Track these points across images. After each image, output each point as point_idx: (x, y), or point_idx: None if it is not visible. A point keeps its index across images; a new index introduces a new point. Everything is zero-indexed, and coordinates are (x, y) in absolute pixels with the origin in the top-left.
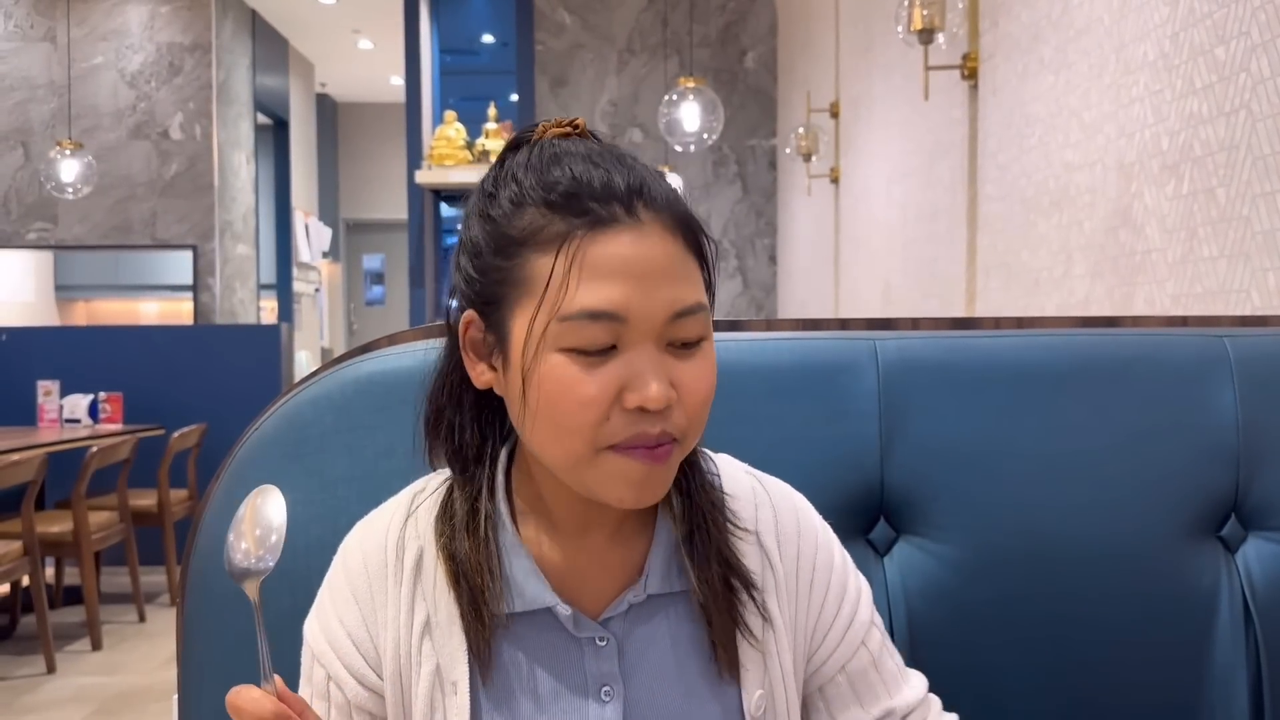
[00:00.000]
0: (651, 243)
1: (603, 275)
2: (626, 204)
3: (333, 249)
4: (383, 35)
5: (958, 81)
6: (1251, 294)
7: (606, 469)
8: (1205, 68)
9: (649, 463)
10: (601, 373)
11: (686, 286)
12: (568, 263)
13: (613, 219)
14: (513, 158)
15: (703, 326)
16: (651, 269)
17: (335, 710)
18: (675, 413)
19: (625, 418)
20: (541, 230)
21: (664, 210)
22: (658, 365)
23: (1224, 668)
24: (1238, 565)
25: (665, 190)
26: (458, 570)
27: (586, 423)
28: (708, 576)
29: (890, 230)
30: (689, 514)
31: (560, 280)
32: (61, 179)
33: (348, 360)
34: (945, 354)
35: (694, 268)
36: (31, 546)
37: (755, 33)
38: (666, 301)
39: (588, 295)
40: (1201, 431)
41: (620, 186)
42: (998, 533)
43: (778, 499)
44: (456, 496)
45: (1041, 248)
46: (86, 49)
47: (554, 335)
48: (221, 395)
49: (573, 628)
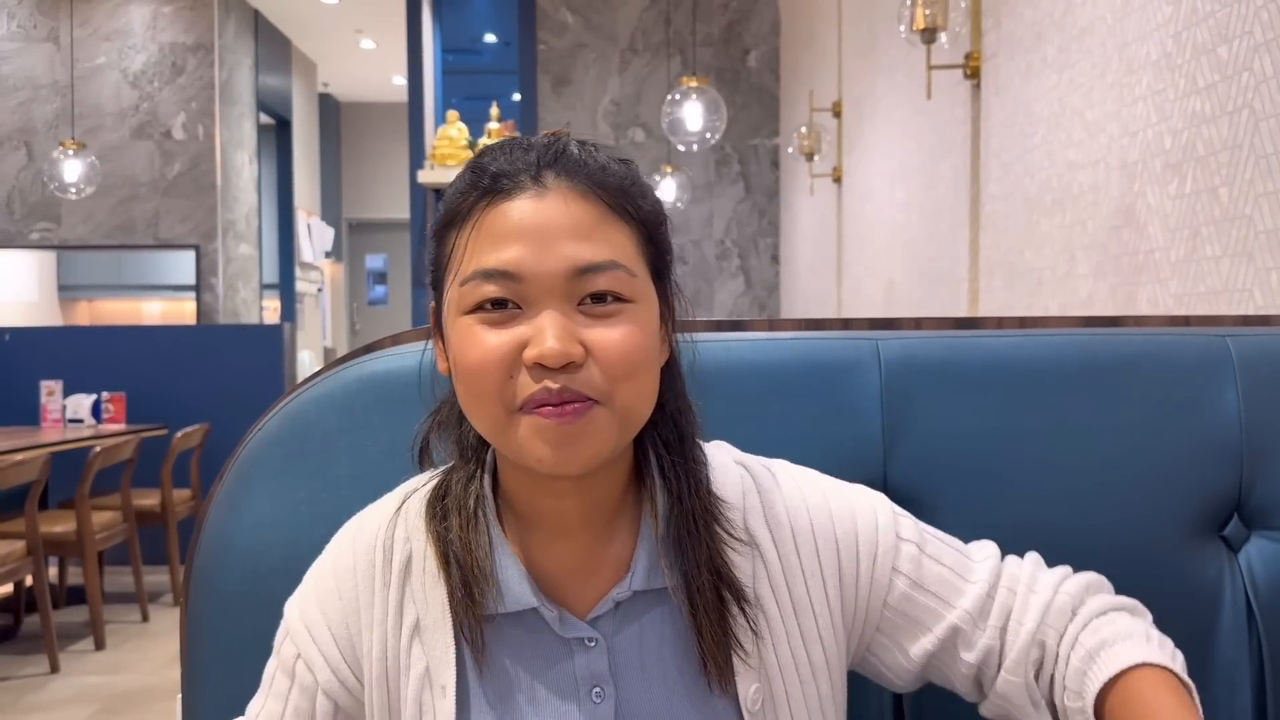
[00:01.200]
0: (551, 204)
1: (498, 237)
2: (534, 174)
3: (335, 249)
4: (385, 35)
5: (960, 81)
6: (1254, 293)
7: (522, 431)
8: (1208, 67)
9: (557, 421)
10: (504, 331)
11: (594, 245)
12: (468, 232)
13: (516, 188)
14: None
15: (615, 283)
16: (549, 228)
17: (299, 690)
18: (589, 372)
19: (529, 376)
20: (458, 208)
21: (579, 175)
22: (559, 323)
23: (1227, 667)
24: (1240, 565)
25: (594, 161)
26: (448, 553)
27: (493, 382)
28: (699, 586)
29: (893, 230)
30: (678, 516)
31: (463, 249)
32: (64, 179)
33: (351, 360)
34: (948, 353)
35: (615, 230)
36: (35, 546)
37: (758, 32)
38: (565, 258)
39: (483, 257)
40: (1204, 431)
41: (532, 160)
42: (1000, 532)
43: (762, 481)
44: (453, 479)
45: (1044, 247)
46: (89, 49)
47: (457, 300)
48: (224, 395)
49: (559, 629)
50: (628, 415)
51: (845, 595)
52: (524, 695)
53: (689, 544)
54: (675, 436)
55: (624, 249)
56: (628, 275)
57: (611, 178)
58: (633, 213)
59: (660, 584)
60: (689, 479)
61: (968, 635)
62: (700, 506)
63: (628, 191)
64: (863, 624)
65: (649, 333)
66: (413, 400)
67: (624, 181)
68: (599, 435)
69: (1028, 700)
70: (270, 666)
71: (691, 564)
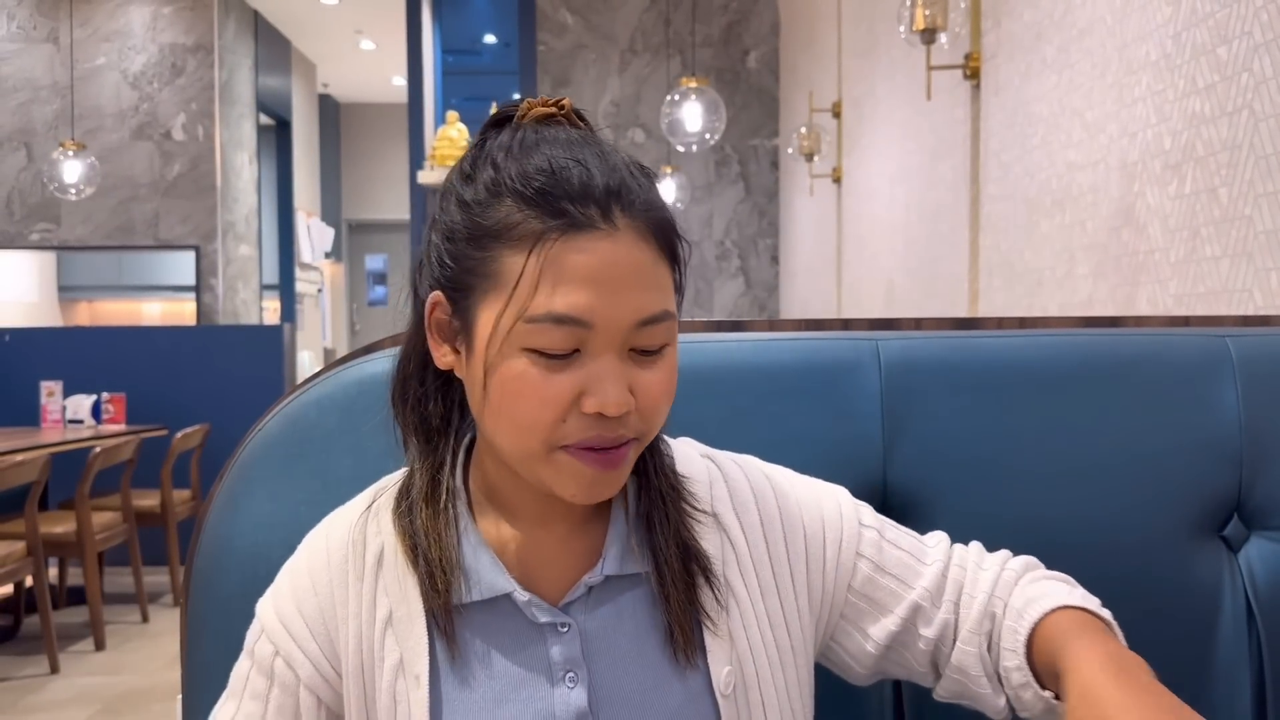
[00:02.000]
0: (623, 250)
1: (572, 280)
2: (603, 207)
3: (335, 249)
4: (385, 35)
5: (960, 81)
6: (1254, 293)
7: (560, 467)
8: (1208, 67)
9: (602, 467)
10: (563, 376)
11: (654, 294)
12: (539, 265)
13: (588, 223)
14: (494, 139)
15: (666, 334)
16: (621, 276)
17: (279, 689)
18: (632, 417)
19: (582, 421)
20: (516, 227)
21: (640, 216)
22: (618, 372)
23: (1227, 667)
24: (1240, 565)
25: (643, 192)
26: (415, 545)
27: (543, 423)
28: (667, 558)
29: (893, 230)
30: (646, 495)
31: (530, 282)
32: (64, 180)
33: (351, 361)
34: (948, 354)
35: (665, 274)
36: (35, 547)
37: (758, 33)
38: (633, 310)
39: (556, 300)
40: (1204, 431)
41: (599, 188)
42: (1001, 532)
43: (729, 471)
44: (417, 469)
45: (1044, 247)
46: (89, 50)
47: (519, 335)
48: (224, 396)
49: (532, 614)
50: (646, 443)
51: (812, 581)
52: (498, 682)
53: (657, 519)
54: None
55: (669, 293)
56: (672, 322)
57: (658, 216)
58: (672, 250)
59: (633, 569)
60: (653, 460)
61: (927, 613)
62: (667, 484)
63: (671, 229)
64: (829, 610)
65: (676, 368)
66: None
67: (666, 220)
68: (626, 468)
69: (982, 671)
70: (241, 668)
71: (660, 539)
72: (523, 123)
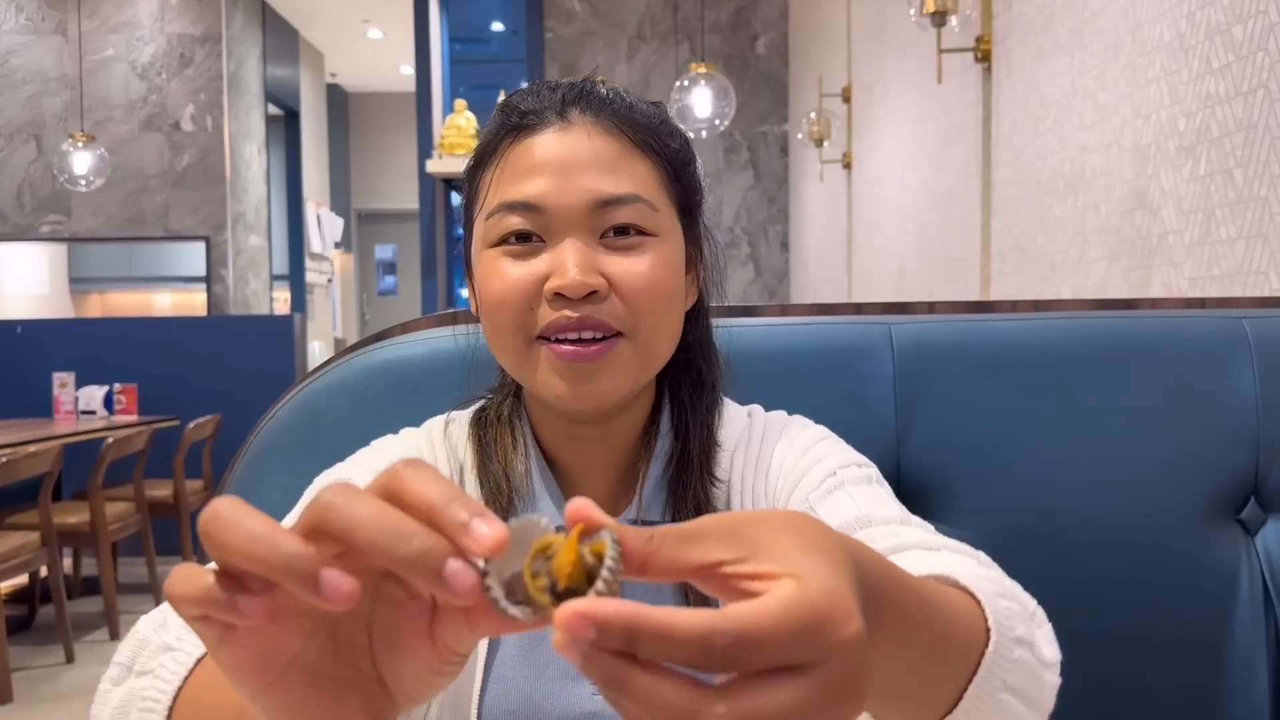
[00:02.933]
0: (574, 137)
1: (521, 172)
2: (559, 110)
3: (345, 239)
4: (392, 24)
5: (971, 64)
6: (1270, 275)
7: (539, 362)
8: (1222, 47)
9: (573, 358)
10: (527, 264)
11: (617, 178)
12: (494, 168)
13: (540, 123)
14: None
15: (638, 216)
16: (572, 161)
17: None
18: (612, 304)
19: (551, 305)
20: (486, 149)
21: (604, 110)
22: (580, 252)
23: (1244, 650)
24: (1257, 548)
25: (623, 100)
26: (485, 459)
27: (514, 313)
28: (683, 518)
29: (904, 215)
30: (679, 458)
31: (488, 185)
32: (74, 171)
33: (362, 349)
34: (961, 338)
35: (641, 166)
36: (49, 537)
37: (766, 18)
38: (587, 190)
39: (506, 190)
40: (1220, 414)
41: (557, 96)
42: (1015, 516)
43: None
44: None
45: (1057, 231)
46: (97, 41)
47: (482, 234)
48: (236, 386)
49: None
50: (650, 349)
51: None
52: None
53: (681, 482)
54: (693, 384)
55: (647, 183)
56: (650, 209)
57: (638, 115)
58: (658, 149)
59: (660, 515)
60: (695, 428)
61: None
62: (698, 446)
63: (654, 128)
64: None
65: (672, 267)
66: (424, 388)
67: (651, 119)
68: (620, 369)
69: None
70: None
71: (680, 503)
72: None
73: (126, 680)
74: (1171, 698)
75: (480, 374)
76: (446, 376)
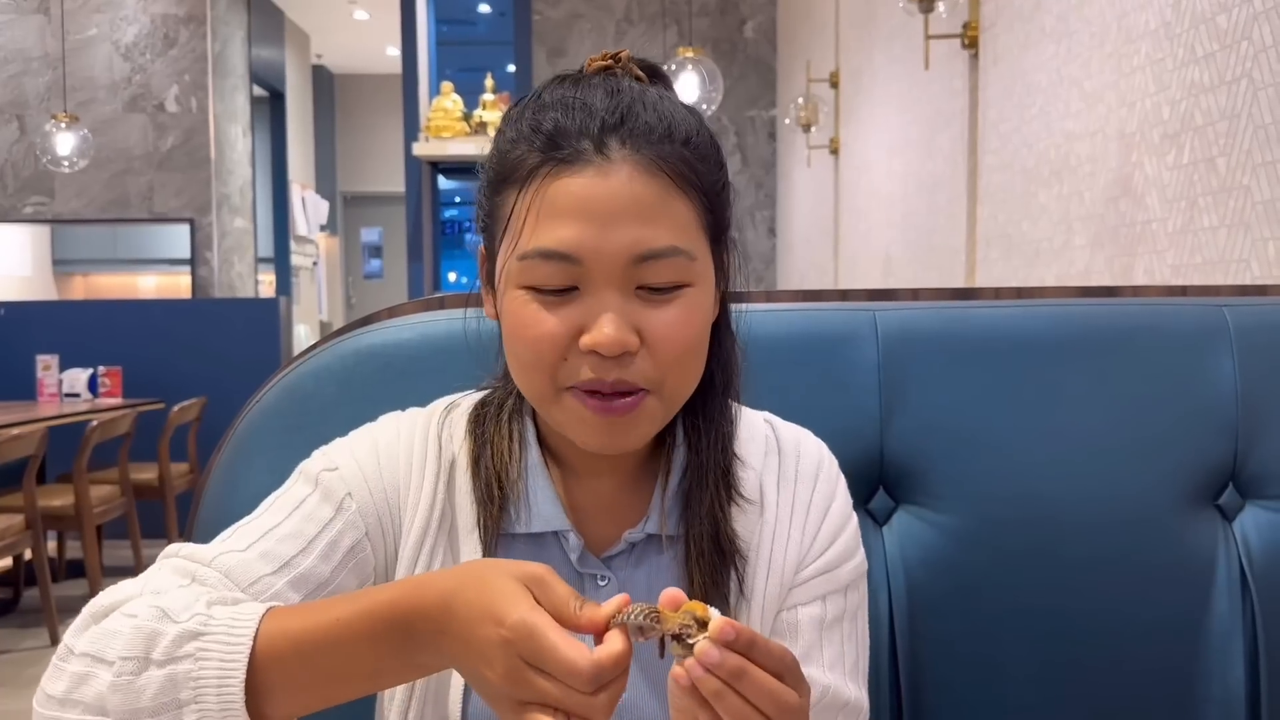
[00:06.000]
0: (616, 182)
1: (560, 215)
2: (597, 140)
3: (330, 222)
4: (379, 6)
5: (958, 51)
6: (1251, 264)
7: (567, 410)
8: (1207, 36)
9: (604, 414)
10: (561, 312)
11: (657, 229)
12: (530, 201)
13: (577, 157)
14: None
15: (676, 272)
16: (613, 210)
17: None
18: (642, 362)
19: (582, 360)
20: (518, 167)
21: (645, 147)
22: (616, 309)
23: (1221, 635)
24: (1235, 533)
25: (661, 125)
26: (480, 453)
27: (544, 361)
28: (695, 536)
29: (890, 201)
30: (693, 469)
31: (521, 218)
32: (57, 152)
33: (348, 333)
34: (945, 325)
35: (680, 209)
36: (33, 520)
37: (755, 2)
38: (627, 244)
39: (543, 234)
40: (1200, 401)
41: (595, 122)
42: (997, 502)
43: (785, 447)
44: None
45: (1042, 218)
46: (81, 21)
47: (515, 272)
48: (221, 369)
49: (577, 561)
50: (675, 400)
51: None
52: None
53: (696, 498)
54: (706, 398)
55: (685, 228)
56: (687, 260)
57: (675, 145)
58: (696, 184)
59: (675, 532)
60: (708, 436)
61: None
62: (714, 462)
63: (692, 163)
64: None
65: (704, 314)
66: (411, 372)
67: (689, 149)
68: (646, 422)
69: None
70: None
71: (694, 516)
72: (571, 75)
73: (149, 670)
74: (1148, 680)
75: (483, 357)
76: (433, 361)
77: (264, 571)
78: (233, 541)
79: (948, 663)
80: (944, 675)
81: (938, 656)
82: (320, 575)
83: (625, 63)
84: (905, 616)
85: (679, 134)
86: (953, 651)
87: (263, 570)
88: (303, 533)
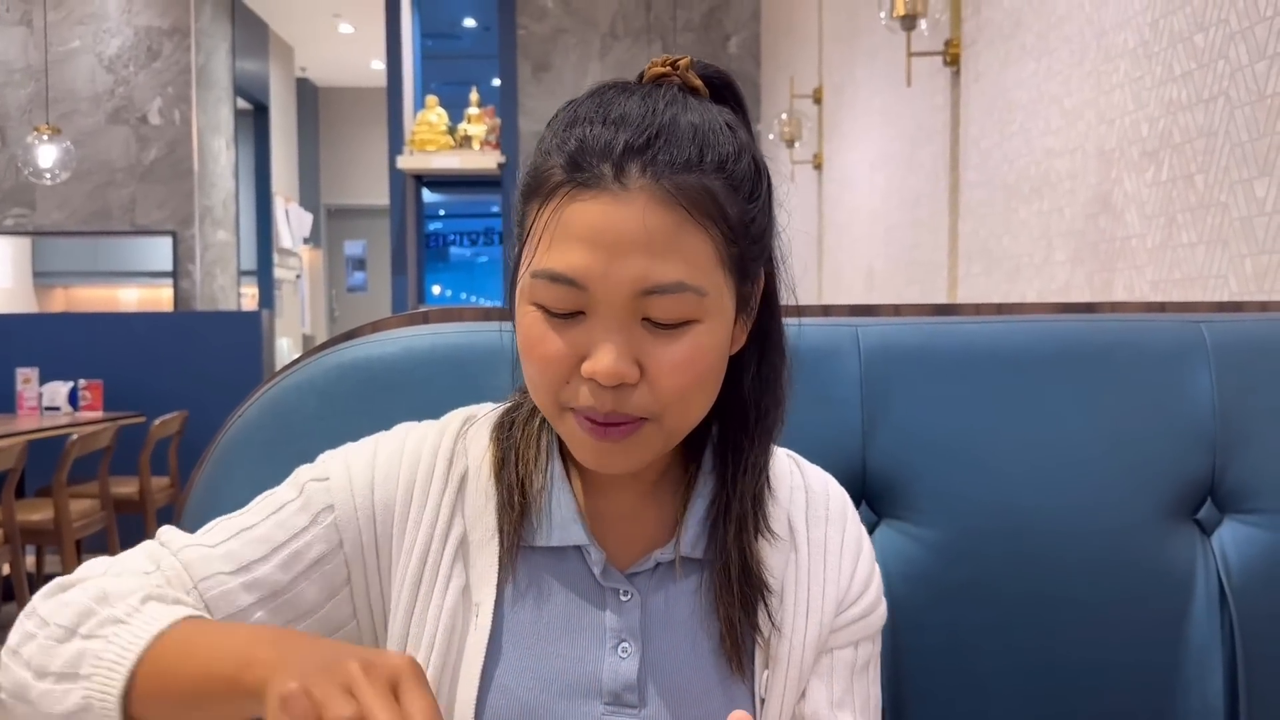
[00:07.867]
0: (629, 211)
1: (571, 238)
2: (617, 165)
3: (314, 235)
4: (363, 19)
5: (940, 68)
6: (1229, 280)
7: (569, 429)
8: (1184, 55)
9: (600, 438)
10: (567, 334)
11: (666, 263)
12: (546, 218)
13: (596, 181)
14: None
15: (683, 308)
16: (623, 240)
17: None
18: (641, 393)
19: (584, 384)
20: (545, 182)
21: (666, 175)
22: (619, 340)
23: (1199, 648)
24: (1213, 547)
25: (690, 151)
26: (503, 461)
27: (548, 380)
28: (723, 567)
29: (873, 216)
30: (721, 501)
31: (537, 235)
32: (39, 164)
33: (331, 347)
34: (927, 340)
35: (695, 243)
36: (12, 534)
37: (738, 18)
38: (632, 277)
39: (554, 256)
40: (1179, 416)
41: (618, 145)
42: (978, 516)
43: (813, 485)
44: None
45: (1022, 234)
46: (63, 32)
47: (528, 289)
48: (202, 382)
49: (600, 575)
50: (675, 430)
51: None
52: (553, 632)
53: (724, 529)
54: (738, 427)
55: (698, 263)
56: (695, 296)
57: (702, 174)
58: (716, 218)
59: (703, 555)
60: (736, 467)
61: None
62: (742, 493)
63: (715, 193)
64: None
65: (713, 350)
66: (394, 386)
67: (719, 177)
68: (642, 447)
69: None
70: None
71: (722, 547)
72: (619, 83)
73: (72, 640)
74: (1128, 693)
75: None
76: (417, 376)
77: (220, 570)
78: (209, 535)
79: (929, 675)
80: (925, 687)
81: (919, 669)
82: (277, 583)
83: (683, 71)
84: (887, 630)
85: (710, 161)
86: (934, 664)
87: (220, 568)
88: (271, 538)
